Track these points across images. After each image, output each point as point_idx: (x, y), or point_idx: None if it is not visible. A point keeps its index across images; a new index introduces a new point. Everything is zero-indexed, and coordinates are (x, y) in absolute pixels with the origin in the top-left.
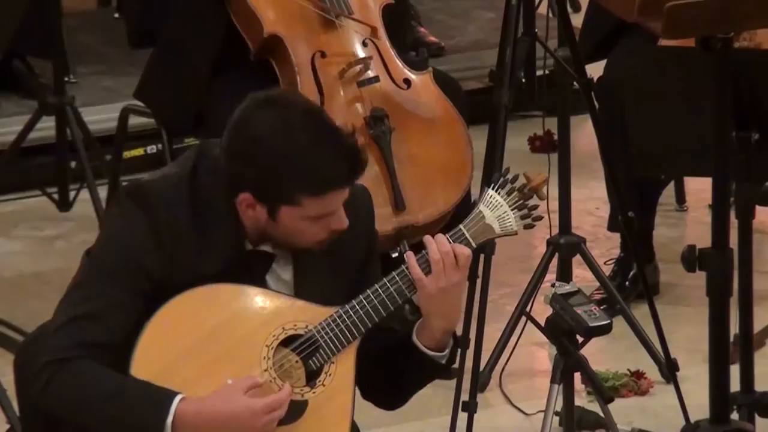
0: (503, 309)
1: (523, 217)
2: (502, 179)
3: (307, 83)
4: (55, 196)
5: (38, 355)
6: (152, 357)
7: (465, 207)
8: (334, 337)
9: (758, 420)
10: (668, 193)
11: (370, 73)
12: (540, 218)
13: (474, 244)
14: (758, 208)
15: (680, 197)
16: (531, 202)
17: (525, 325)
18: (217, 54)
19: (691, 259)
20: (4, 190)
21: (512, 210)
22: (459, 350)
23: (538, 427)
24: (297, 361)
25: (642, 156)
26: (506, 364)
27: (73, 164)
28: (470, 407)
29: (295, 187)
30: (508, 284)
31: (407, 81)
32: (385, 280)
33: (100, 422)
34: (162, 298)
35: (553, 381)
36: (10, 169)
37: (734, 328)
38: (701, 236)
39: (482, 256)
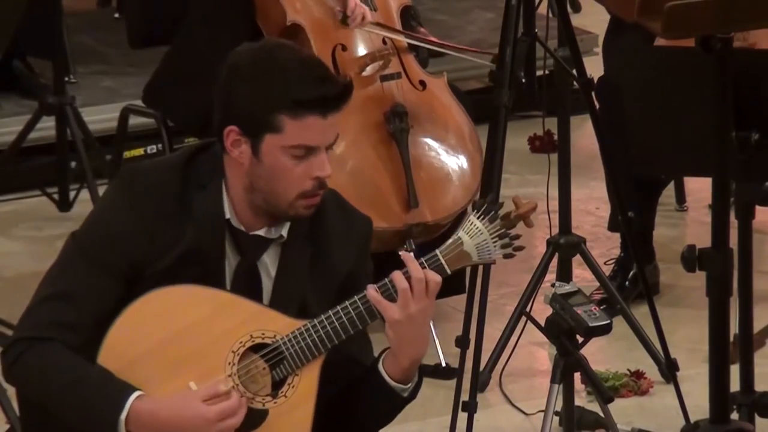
0: (503, 309)
1: (503, 246)
2: (486, 206)
3: None
4: (55, 196)
5: (14, 333)
6: (120, 349)
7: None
8: (300, 350)
9: (758, 420)
10: (668, 193)
11: (391, 69)
12: (521, 248)
13: (449, 271)
14: (758, 208)
15: (680, 197)
16: (513, 231)
17: (525, 325)
18: None
19: (691, 259)
20: (4, 190)
21: (492, 238)
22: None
23: (538, 427)
24: (264, 368)
25: (642, 156)
26: (506, 364)
27: (73, 164)
28: (470, 407)
29: (272, 105)
30: (508, 284)
31: (423, 83)
32: (356, 297)
33: (59, 407)
34: (145, 281)
35: (553, 381)
36: (10, 169)
37: (734, 328)
38: (701, 236)
39: None
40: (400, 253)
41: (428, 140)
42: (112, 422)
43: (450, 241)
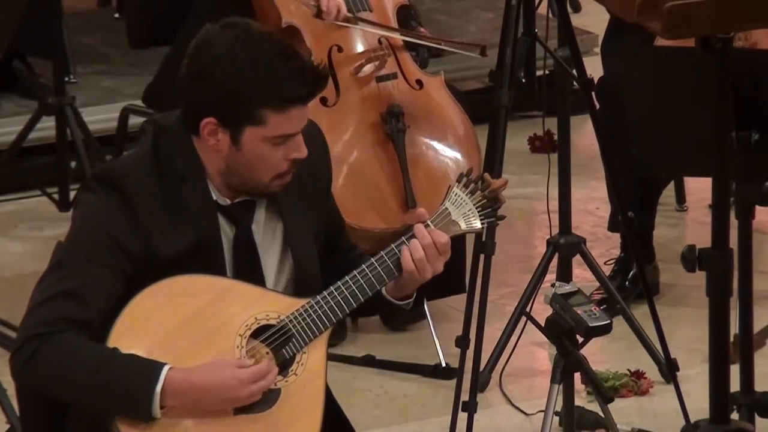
0: (503, 309)
1: (487, 216)
2: (465, 179)
3: None
4: (55, 196)
5: (19, 334)
6: (126, 343)
7: None
8: (306, 327)
9: (758, 420)
10: (668, 193)
11: (387, 70)
12: (502, 218)
13: None
14: (758, 208)
15: (680, 197)
16: (495, 204)
17: (525, 325)
18: None
19: (691, 259)
20: (4, 190)
21: (476, 208)
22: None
23: (538, 427)
24: (267, 352)
25: (642, 156)
26: (506, 364)
27: (73, 164)
28: (470, 407)
29: (258, 102)
30: (508, 284)
31: (419, 82)
32: (355, 272)
33: (88, 393)
34: (144, 276)
35: (553, 381)
36: (10, 169)
37: (734, 328)
38: (701, 236)
39: (482, 256)
40: (414, 226)
41: (425, 139)
42: (147, 395)
43: (438, 211)
